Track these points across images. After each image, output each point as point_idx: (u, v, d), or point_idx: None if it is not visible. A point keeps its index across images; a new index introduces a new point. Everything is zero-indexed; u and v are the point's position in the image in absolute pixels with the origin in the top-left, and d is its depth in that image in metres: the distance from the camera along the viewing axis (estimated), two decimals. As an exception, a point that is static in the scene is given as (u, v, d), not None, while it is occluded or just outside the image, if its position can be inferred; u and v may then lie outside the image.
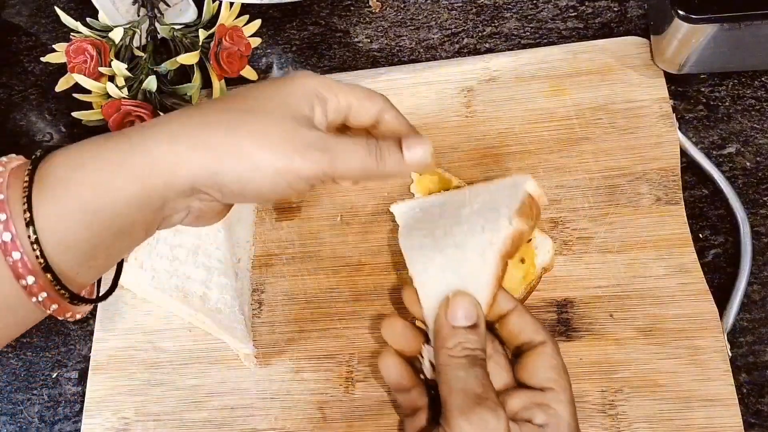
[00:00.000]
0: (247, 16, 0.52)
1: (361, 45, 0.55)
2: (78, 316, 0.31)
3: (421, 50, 0.54)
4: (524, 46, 0.52)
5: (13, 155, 0.31)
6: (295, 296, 0.46)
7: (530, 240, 0.42)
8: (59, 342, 0.49)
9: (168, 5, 0.55)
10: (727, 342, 0.41)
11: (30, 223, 0.27)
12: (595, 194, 0.45)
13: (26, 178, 0.28)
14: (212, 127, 0.30)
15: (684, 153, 0.46)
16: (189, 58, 0.50)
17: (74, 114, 0.50)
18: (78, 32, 0.50)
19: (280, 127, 0.31)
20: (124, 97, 0.48)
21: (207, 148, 0.30)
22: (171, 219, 0.32)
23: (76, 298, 0.30)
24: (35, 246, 0.27)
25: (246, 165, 0.30)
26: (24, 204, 0.27)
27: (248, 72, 0.52)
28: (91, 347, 0.47)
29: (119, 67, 0.48)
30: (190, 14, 0.56)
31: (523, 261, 0.42)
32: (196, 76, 0.52)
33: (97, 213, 0.29)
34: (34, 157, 0.29)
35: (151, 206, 0.30)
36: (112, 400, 0.45)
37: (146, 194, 0.30)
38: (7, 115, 0.58)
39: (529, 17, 0.53)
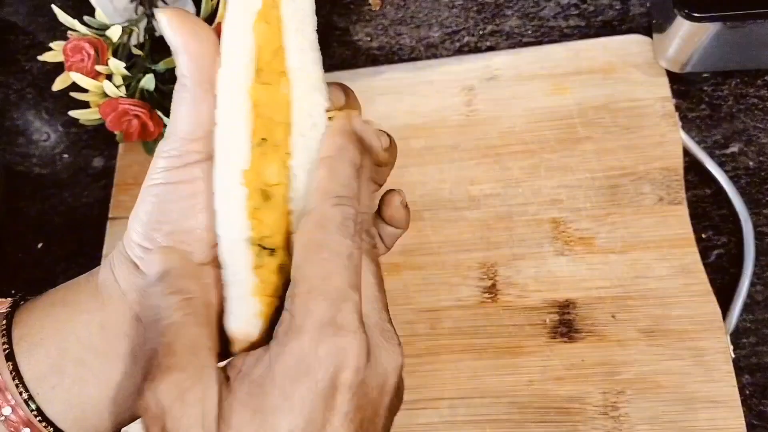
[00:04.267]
0: (245, 15, 0.52)
1: (361, 43, 0.55)
2: None
3: (422, 48, 0.53)
4: (525, 45, 0.52)
5: None
6: (295, 297, 0.46)
7: None
8: (56, 343, 0.49)
9: (166, 3, 0.55)
10: (729, 343, 0.41)
11: (15, 372, 0.26)
12: (597, 194, 0.45)
13: (3, 330, 0.27)
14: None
15: (686, 152, 0.46)
16: (187, 57, 0.49)
17: (71, 113, 0.50)
18: (75, 30, 0.50)
19: None
20: (121, 96, 0.48)
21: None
22: (157, 311, 0.27)
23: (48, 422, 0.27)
24: (24, 394, 0.26)
25: (136, 211, 0.27)
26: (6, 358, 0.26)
27: (247, 70, 0.52)
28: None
29: (117, 66, 0.48)
30: (188, 12, 0.55)
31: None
32: (195, 75, 0.51)
33: (60, 316, 0.27)
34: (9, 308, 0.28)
35: (108, 297, 0.28)
36: (110, 401, 0.45)
37: (96, 288, 0.28)
38: (4, 114, 0.58)
39: (531, 15, 0.53)
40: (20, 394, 0.26)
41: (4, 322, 0.27)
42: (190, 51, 0.26)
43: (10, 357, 0.27)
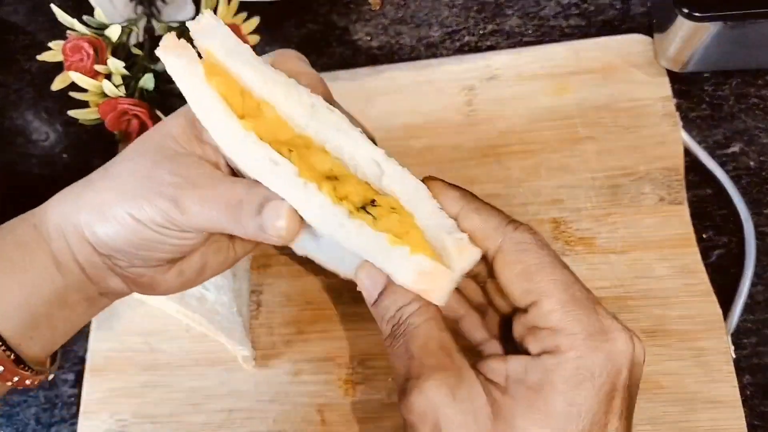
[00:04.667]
0: (245, 14, 0.52)
1: (360, 43, 0.54)
2: (34, 382, 0.32)
3: (422, 48, 0.53)
4: (526, 44, 0.52)
5: None
6: (294, 297, 0.46)
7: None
8: (56, 343, 0.48)
9: (165, 2, 0.55)
10: (730, 343, 0.40)
11: None
12: (597, 194, 0.45)
13: None
14: (87, 185, 0.31)
15: (687, 152, 0.45)
16: (187, 56, 0.49)
17: (70, 113, 0.50)
18: (74, 30, 0.50)
19: (139, 172, 0.29)
20: (120, 96, 0.47)
21: (80, 207, 0.30)
22: (108, 285, 0.32)
23: (21, 363, 0.30)
24: None
25: (107, 217, 0.29)
26: None
27: (247, 70, 0.52)
28: (87, 349, 0.47)
29: (116, 66, 0.48)
30: (187, 11, 0.55)
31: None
32: (194, 75, 0.51)
33: (25, 285, 0.30)
34: None
35: (69, 272, 0.31)
36: (109, 402, 0.45)
37: (55, 260, 0.30)
38: (3, 114, 0.58)
39: (531, 14, 0.53)
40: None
41: None
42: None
43: None
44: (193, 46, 0.29)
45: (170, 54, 0.28)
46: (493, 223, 0.28)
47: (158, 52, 0.28)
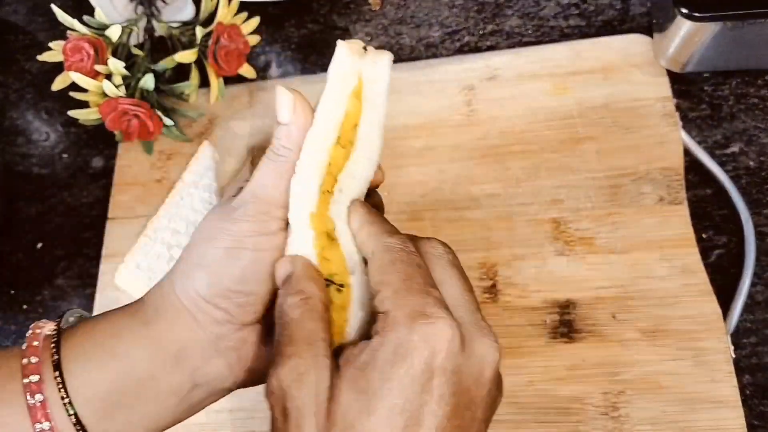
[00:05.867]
0: (245, 14, 0.52)
1: (360, 43, 0.54)
2: None
3: (422, 48, 0.53)
4: (526, 44, 0.52)
5: (40, 322, 0.31)
6: (295, 297, 0.46)
7: None
8: (56, 343, 0.48)
9: (165, 3, 0.55)
10: (730, 343, 0.41)
11: (62, 385, 0.29)
12: (597, 194, 0.45)
13: (53, 346, 0.30)
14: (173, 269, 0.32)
15: (687, 152, 0.46)
16: (187, 57, 0.49)
17: (70, 113, 0.50)
18: (75, 30, 0.50)
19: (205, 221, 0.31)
20: (121, 96, 0.47)
21: (173, 279, 0.31)
22: (205, 371, 0.31)
23: None
24: (68, 407, 0.28)
25: (202, 265, 0.30)
26: (54, 369, 0.29)
27: (246, 70, 0.52)
28: (88, 349, 0.47)
29: (116, 66, 0.48)
30: (187, 12, 0.55)
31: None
32: (194, 75, 0.51)
33: (107, 371, 0.30)
34: (58, 326, 0.31)
35: (160, 353, 0.30)
36: (110, 402, 0.45)
37: (147, 344, 0.30)
38: (3, 114, 0.58)
39: (531, 15, 0.53)
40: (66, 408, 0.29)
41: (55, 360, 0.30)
42: (302, 129, 0.30)
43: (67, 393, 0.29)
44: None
45: (347, 52, 0.30)
46: (375, 231, 0.31)
47: (341, 41, 0.30)
